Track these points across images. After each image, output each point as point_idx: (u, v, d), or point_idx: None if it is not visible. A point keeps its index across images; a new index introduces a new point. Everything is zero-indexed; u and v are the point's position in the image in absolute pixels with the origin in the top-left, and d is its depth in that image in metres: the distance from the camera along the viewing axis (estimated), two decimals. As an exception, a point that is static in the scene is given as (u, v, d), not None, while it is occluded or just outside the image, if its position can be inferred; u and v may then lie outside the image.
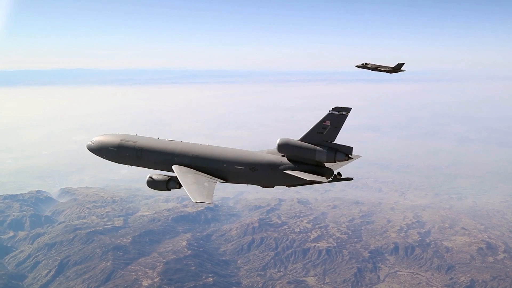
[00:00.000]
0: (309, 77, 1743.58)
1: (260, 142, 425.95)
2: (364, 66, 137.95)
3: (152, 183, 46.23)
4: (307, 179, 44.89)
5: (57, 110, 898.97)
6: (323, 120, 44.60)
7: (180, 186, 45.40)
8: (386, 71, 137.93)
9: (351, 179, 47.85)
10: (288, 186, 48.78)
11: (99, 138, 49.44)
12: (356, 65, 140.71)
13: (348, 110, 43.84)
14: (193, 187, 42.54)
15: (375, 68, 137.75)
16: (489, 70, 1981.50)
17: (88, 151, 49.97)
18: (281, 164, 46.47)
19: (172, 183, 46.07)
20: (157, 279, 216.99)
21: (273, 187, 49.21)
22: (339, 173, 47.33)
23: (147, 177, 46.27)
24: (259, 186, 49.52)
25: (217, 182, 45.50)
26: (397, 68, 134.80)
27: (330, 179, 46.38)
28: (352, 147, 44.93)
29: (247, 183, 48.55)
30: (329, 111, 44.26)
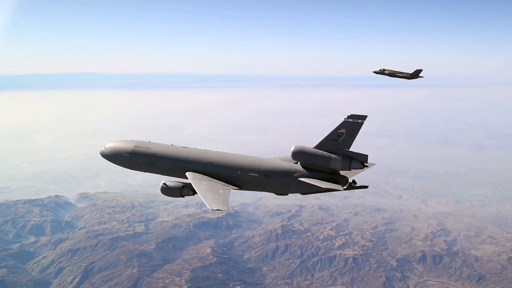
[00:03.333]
0: (318, 82, 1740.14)
1: (273, 148, 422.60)
2: (381, 72, 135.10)
3: (166, 190, 46.04)
4: (323, 187, 44.36)
5: (68, 114, 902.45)
6: (338, 127, 44.14)
7: (194, 193, 45.11)
8: (404, 77, 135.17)
9: (366, 187, 47.23)
10: (303, 193, 48.29)
11: (112, 144, 49.14)
12: (373, 71, 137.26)
13: (363, 118, 43.36)
14: (208, 194, 42.29)
15: (393, 74, 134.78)
16: (501, 76, 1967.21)
17: (102, 157, 49.72)
18: (296, 171, 46.22)
19: (186, 190, 45.78)
20: (185, 286, 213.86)
21: (287, 194, 48.71)
22: (354, 181, 46.49)
23: (161, 184, 46.11)
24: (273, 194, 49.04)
25: (231, 189, 45.23)
26: (415, 74, 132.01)
27: (345, 187, 45.78)
28: (367, 155, 44.39)
29: (261, 191, 48.28)
30: (345, 118, 43.72)
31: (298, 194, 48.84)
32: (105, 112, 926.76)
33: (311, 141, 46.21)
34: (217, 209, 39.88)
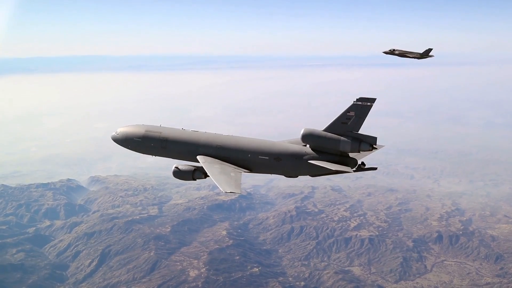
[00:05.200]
0: (322, 61, 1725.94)
1: (281, 130, 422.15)
2: (391, 52, 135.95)
3: (178, 173, 47.09)
4: (332, 169, 45.05)
5: (73, 97, 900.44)
6: (348, 110, 44.45)
7: (205, 176, 46.29)
8: (414, 57, 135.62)
9: (375, 169, 47.48)
10: (312, 175, 48.86)
11: (123, 129, 49.81)
12: (383, 51, 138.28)
13: (372, 100, 43.76)
14: (221, 177, 43.08)
15: (403, 54, 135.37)
16: (508, 53, 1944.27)
17: (113, 141, 50.45)
18: (305, 154, 46.81)
19: (198, 173, 46.81)
20: (204, 269, 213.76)
21: (297, 176, 49.47)
22: (363, 163, 47.07)
23: (173, 168, 47.12)
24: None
25: (243, 172, 45.91)
26: (426, 54, 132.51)
27: (354, 169, 46.49)
28: (376, 137, 44.94)
29: (271, 173, 48.94)
30: (354, 101, 44.06)
31: (308, 175, 49.60)
32: (110, 95, 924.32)
33: (318, 121, 46.64)
34: (230, 192, 40.86)
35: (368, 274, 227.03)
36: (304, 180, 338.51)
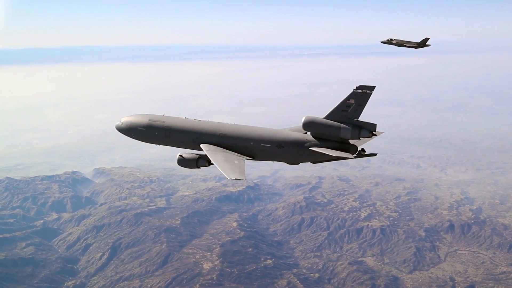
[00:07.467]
0: (322, 51, 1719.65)
1: (284, 119, 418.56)
2: (389, 42, 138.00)
3: (183, 162, 47.89)
4: (334, 155, 46.03)
5: (72, 88, 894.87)
6: (348, 98, 45.24)
7: (209, 163, 47.28)
8: (412, 47, 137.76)
9: (374, 155, 48.72)
10: (314, 162, 49.87)
11: (127, 118, 50.41)
12: (381, 41, 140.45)
13: (372, 88, 44.43)
14: (225, 165, 43.80)
15: (400, 43, 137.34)
16: (506, 41, 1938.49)
17: (117, 131, 51.06)
18: (307, 141, 47.77)
19: (202, 161, 47.62)
20: (217, 261, 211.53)
21: (299, 163, 50.37)
22: (363, 149, 48.15)
23: (178, 156, 47.94)
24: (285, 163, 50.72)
25: (246, 160, 46.62)
26: (423, 43, 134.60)
27: (355, 155, 47.56)
28: (376, 124, 45.79)
29: (273, 160, 49.76)
30: (354, 89, 44.77)
31: (315, 166, 50.66)
32: (109, 85, 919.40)
33: (319, 110, 47.56)
34: (235, 178, 41.31)
35: (382, 264, 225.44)
36: (310, 170, 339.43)
